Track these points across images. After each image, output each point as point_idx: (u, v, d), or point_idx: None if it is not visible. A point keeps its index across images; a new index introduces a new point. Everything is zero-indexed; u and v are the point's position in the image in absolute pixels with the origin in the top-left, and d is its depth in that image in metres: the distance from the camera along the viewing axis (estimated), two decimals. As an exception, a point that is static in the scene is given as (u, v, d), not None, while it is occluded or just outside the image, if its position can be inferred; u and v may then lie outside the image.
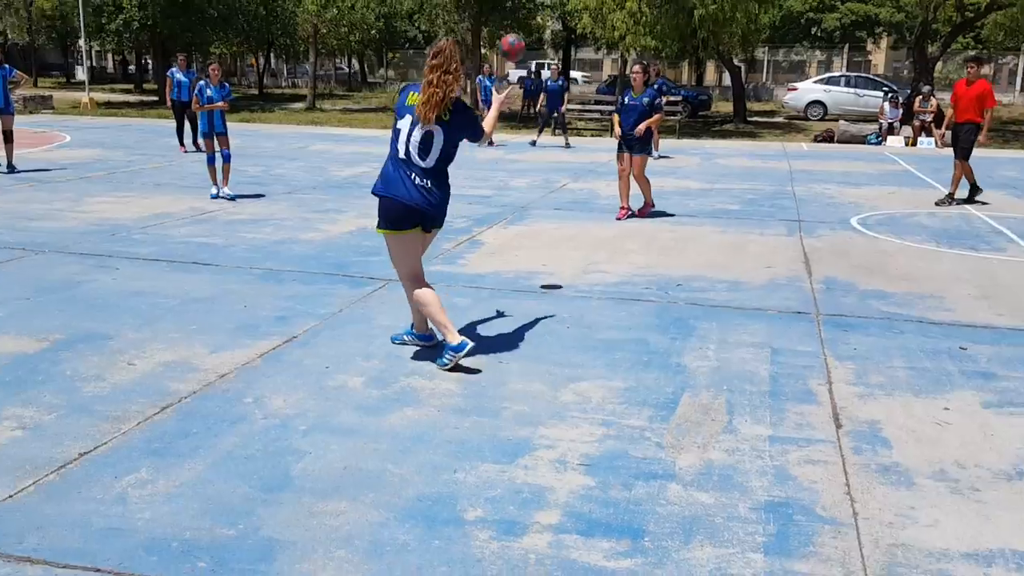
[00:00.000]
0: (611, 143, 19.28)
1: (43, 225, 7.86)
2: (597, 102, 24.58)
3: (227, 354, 4.57)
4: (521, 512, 2.99)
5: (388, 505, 3.01)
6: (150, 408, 3.82)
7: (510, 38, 4.81)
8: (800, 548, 2.80)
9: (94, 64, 53.44)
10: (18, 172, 11.22)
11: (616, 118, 9.25)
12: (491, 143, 7.56)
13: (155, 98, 30.18)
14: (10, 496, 3.00)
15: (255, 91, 40.75)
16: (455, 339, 4.29)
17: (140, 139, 17.12)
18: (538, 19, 33.37)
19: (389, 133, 4.46)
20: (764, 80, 40.88)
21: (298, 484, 3.15)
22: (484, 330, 5.05)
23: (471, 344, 4.32)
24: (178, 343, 4.72)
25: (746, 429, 3.73)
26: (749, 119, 25.37)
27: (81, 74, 51.23)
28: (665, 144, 16.98)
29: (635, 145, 9.05)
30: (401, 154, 4.31)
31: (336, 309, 5.47)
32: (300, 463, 3.32)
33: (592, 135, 21.24)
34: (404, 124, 4.31)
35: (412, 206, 4.31)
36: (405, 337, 4.79)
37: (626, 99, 9.19)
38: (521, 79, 26.31)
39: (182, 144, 14.90)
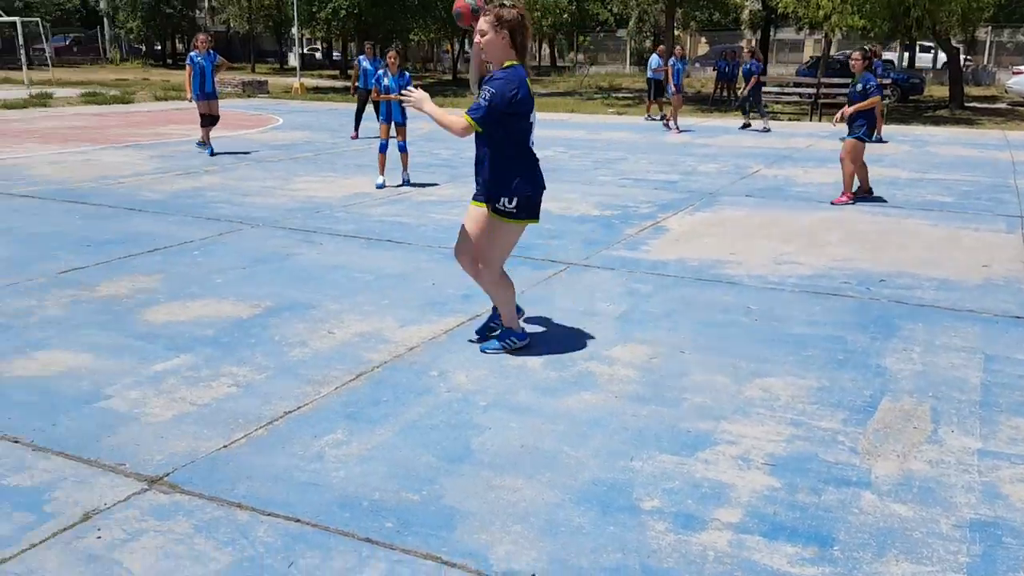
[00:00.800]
0: (810, 127, 18.42)
1: (257, 201, 8.53)
2: (796, 84, 23.39)
3: (415, 328, 4.77)
4: (700, 507, 2.91)
5: (564, 486, 3.03)
6: (346, 375, 4.05)
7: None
8: (1009, 573, 2.55)
9: (304, 51, 57.35)
10: (216, 154, 11.93)
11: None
12: None
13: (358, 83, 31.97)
14: (224, 446, 3.29)
15: (449, 76, 42.16)
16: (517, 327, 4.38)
17: (343, 123, 18.14)
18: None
19: (573, 116, 4.46)
20: (985, 63, 37.28)
21: (477, 457, 3.24)
22: (665, 319, 4.96)
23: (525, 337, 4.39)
24: (372, 316, 4.98)
25: (952, 440, 3.43)
26: (967, 104, 23.24)
27: (292, 60, 55.14)
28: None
29: (850, 128, 8.80)
30: (531, 144, 4.16)
31: (518, 290, 5.54)
32: (480, 437, 3.41)
33: (789, 119, 20.26)
34: (535, 116, 4.12)
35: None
36: (510, 342, 4.37)
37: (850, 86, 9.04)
38: (717, 62, 25.49)
39: (356, 130, 15.05)
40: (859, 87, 8.82)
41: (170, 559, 2.55)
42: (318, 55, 60.40)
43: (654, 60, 18.39)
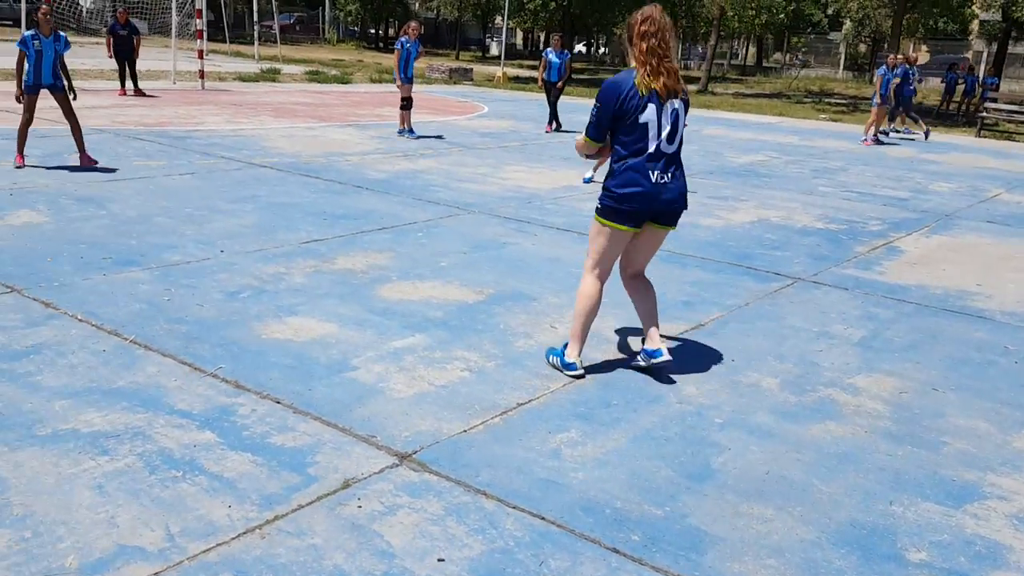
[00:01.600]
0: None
1: (471, 187, 8.75)
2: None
3: (636, 331, 4.67)
4: (975, 566, 2.64)
5: (818, 523, 2.84)
6: (574, 372, 4.03)
7: None
8: None
9: (506, 40, 58.69)
10: (419, 137, 12.23)
11: None
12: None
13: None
14: (464, 431, 3.36)
15: (648, 72, 41.58)
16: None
17: (546, 113, 18.36)
18: (973, 7, 29.59)
19: (783, 120, 4.22)
20: None
21: (720, 479, 3.11)
22: (912, 350, 4.58)
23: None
24: (594, 313, 4.93)
25: None
26: None
27: (495, 49, 56.53)
28: None
29: None
30: (651, 149, 3.75)
31: (743, 302, 5.34)
32: (720, 457, 3.27)
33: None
34: (650, 116, 3.72)
35: (660, 200, 3.82)
36: (558, 360, 4.05)
37: None
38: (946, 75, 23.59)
39: (549, 124, 14.76)
40: None
41: (426, 539, 2.61)
42: (518, 45, 61.59)
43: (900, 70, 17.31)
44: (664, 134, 3.75)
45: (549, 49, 14.98)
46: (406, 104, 12.19)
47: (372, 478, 2.94)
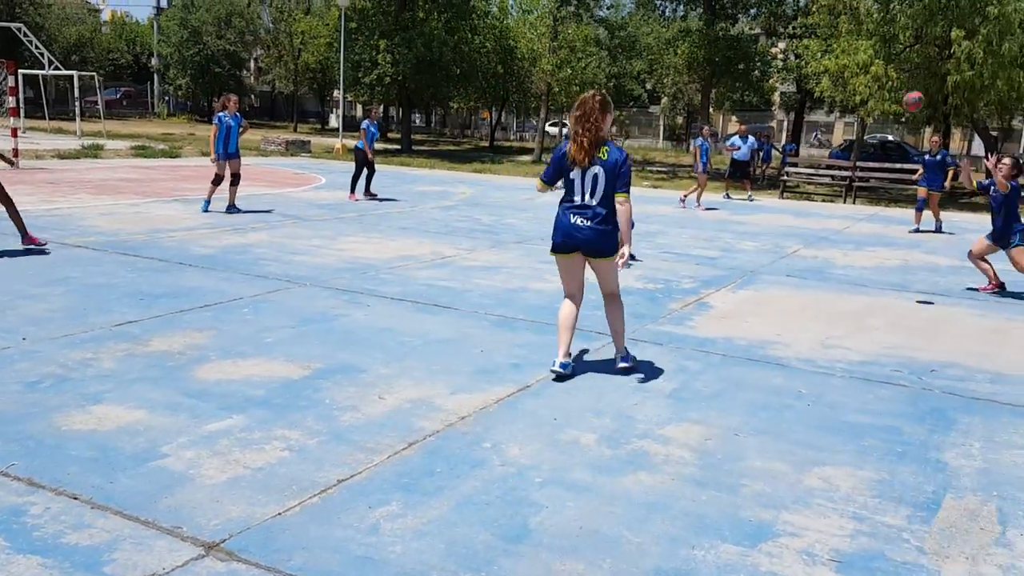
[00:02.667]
0: (846, 209, 18.44)
1: (304, 260, 8.65)
2: (828, 167, 23.48)
3: (466, 396, 4.76)
4: (766, 602, 2.83)
5: (626, 574, 2.96)
6: (399, 443, 4.04)
7: (913, 96, 5.29)
8: None
9: (345, 113, 58.94)
10: (242, 212, 11.88)
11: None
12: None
13: (398, 147, 32.67)
14: (279, 514, 3.27)
15: (486, 143, 42.90)
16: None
17: (387, 185, 18.49)
18: (771, 81, 32.61)
19: None
20: (1021, 149, 37.25)
21: (536, 538, 3.18)
22: (716, 399, 4.91)
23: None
24: (422, 381, 4.98)
25: (1022, 544, 3.33)
26: (1006, 191, 23.13)
27: (334, 121, 56.56)
28: (902, 213, 15.88)
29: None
30: (576, 199, 5.03)
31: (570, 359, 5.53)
32: (537, 516, 3.36)
33: (823, 200, 20.31)
34: (576, 175, 5.00)
35: (575, 237, 5.07)
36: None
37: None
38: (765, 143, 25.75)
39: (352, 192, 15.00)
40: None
41: (231, 630, 2.51)
42: (358, 116, 61.89)
43: (736, 140, 18.83)
44: (587, 190, 4.97)
45: (368, 120, 15.47)
46: (217, 180, 11.83)
47: (175, 572, 2.80)
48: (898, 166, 20.46)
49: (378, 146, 18.57)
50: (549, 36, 29.96)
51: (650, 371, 5.37)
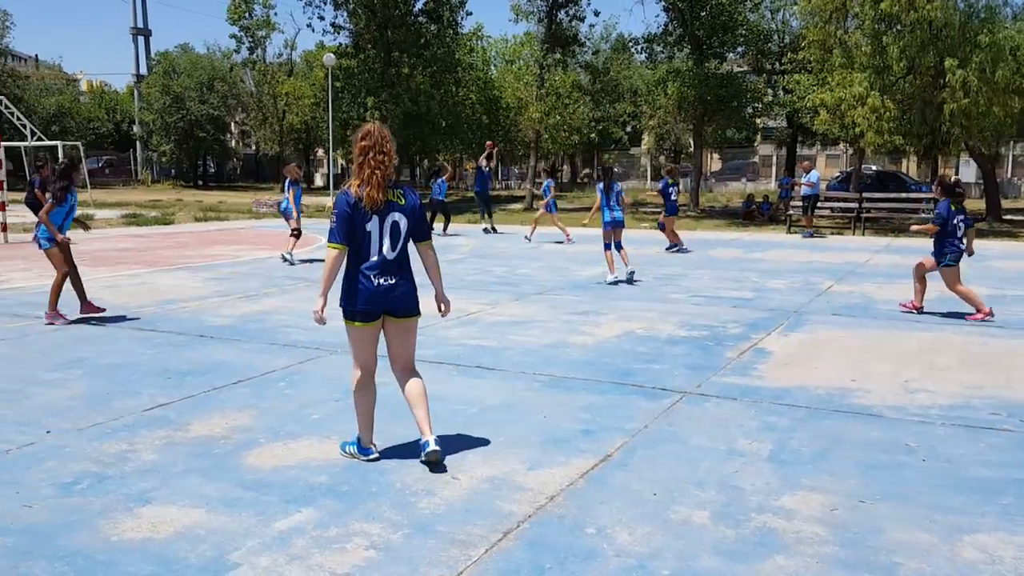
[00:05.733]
0: (859, 241, 18.23)
1: (327, 324, 8.17)
2: (827, 199, 23.36)
3: (546, 471, 4.30)
4: None
5: None
6: (492, 532, 3.57)
7: None
8: None
9: (331, 172, 58.97)
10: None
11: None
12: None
13: (388, 201, 32.36)
14: (386, 631, 2.79)
15: (471, 193, 42.79)
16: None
17: (385, 240, 18.11)
18: (763, 118, 32.79)
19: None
20: (1009, 175, 37.59)
21: (691, 646, 2.72)
22: (822, 459, 4.47)
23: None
24: (492, 456, 4.52)
25: None
26: (1004, 217, 23.10)
27: (319, 180, 56.47)
28: (914, 243, 15.65)
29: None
30: (373, 255, 4.20)
31: (641, 424, 5.11)
32: (681, 617, 2.90)
33: (831, 232, 20.12)
34: (372, 225, 4.17)
35: (378, 302, 4.30)
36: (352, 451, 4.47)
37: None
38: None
39: None
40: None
41: None
42: (344, 175, 61.83)
43: (814, 176, 18.91)
44: (386, 242, 4.18)
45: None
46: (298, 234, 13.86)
47: None
48: (903, 195, 20.36)
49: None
50: (535, 84, 30.00)
51: (737, 431, 4.93)
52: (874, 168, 33.99)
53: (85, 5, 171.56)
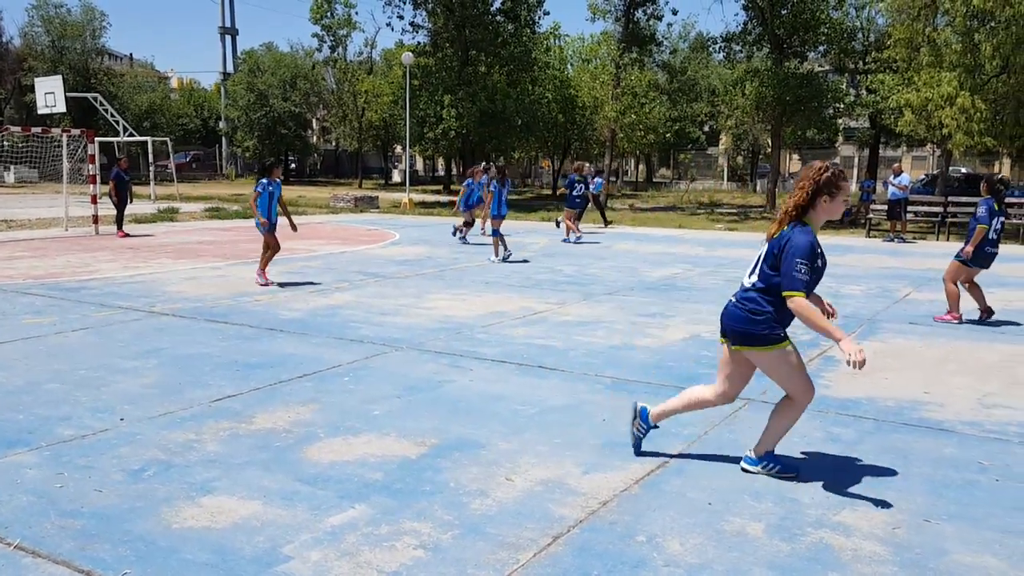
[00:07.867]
0: (942, 247, 17.54)
1: (395, 321, 8.32)
2: (911, 202, 22.51)
3: (601, 476, 4.28)
4: None
5: None
6: (542, 536, 3.57)
7: None
8: None
9: (408, 168, 59.88)
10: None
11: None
12: None
13: (462, 198, 32.69)
14: (429, 630, 2.82)
15: (547, 191, 42.80)
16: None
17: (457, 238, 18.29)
18: (844, 119, 31.82)
19: (684, 232, 4.27)
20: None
21: (735, 663, 2.66)
22: (887, 475, 4.32)
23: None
24: (548, 458, 4.52)
25: None
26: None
27: (396, 176, 57.36)
28: (1001, 250, 14.93)
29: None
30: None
31: (701, 431, 5.03)
32: (727, 632, 2.84)
33: (913, 237, 19.40)
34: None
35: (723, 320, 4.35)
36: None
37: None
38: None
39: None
40: None
41: None
42: (420, 171, 62.73)
43: (904, 178, 18.63)
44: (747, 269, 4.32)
45: (470, 180, 17.27)
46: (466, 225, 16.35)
47: None
48: (992, 199, 19.44)
49: (443, 199, 19.32)
50: (611, 83, 29.79)
51: (799, 441, 4.81)
52: (963, 170, 32.60)
53: (177, 5, 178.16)
